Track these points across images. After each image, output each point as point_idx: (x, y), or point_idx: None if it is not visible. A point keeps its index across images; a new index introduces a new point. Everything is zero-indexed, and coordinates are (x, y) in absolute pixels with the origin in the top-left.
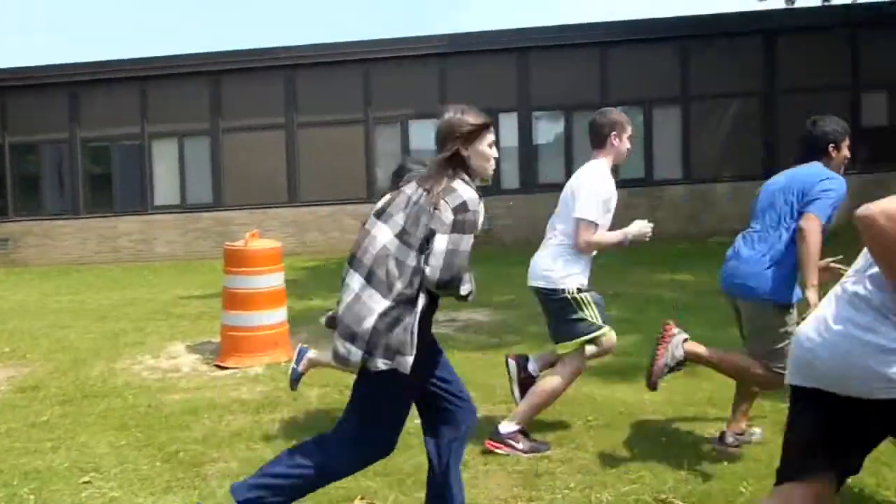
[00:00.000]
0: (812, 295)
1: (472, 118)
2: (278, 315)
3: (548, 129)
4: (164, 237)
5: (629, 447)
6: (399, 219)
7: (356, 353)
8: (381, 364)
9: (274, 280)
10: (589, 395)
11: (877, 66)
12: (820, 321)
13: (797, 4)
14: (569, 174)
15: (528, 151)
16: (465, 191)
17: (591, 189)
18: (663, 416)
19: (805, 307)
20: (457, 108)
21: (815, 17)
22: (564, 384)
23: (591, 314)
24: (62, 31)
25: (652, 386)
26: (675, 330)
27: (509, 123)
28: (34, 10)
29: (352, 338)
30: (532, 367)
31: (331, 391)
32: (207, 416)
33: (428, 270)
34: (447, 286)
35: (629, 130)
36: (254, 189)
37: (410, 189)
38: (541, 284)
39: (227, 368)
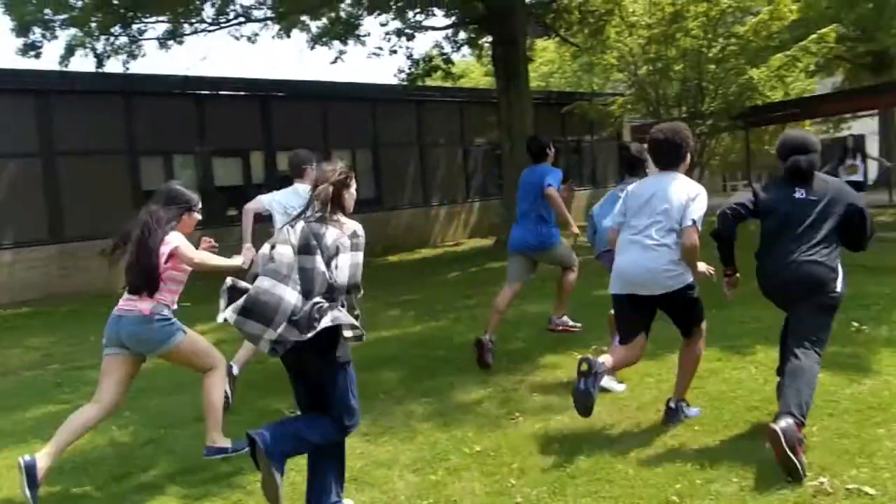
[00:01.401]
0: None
1: (345, 169)
2: None
3: None
4: None
5: None
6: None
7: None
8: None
9: None
10: None
11: (152, 131)
12: None
13: (71, 68)
14: None
15: None
16: (351, 223)
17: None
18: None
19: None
20: (329, 163)
21: (90, 83)
22: None
23: None
24: None
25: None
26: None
27: None
28: None
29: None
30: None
31: None
32: None
33: (339, 279)
34: (354, 289)
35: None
36: None
37: (309, 227)
38: None
39: None
